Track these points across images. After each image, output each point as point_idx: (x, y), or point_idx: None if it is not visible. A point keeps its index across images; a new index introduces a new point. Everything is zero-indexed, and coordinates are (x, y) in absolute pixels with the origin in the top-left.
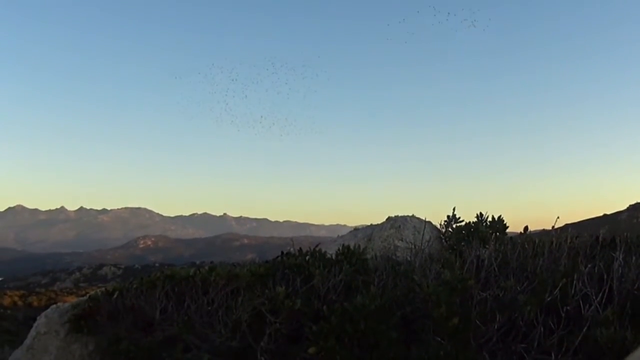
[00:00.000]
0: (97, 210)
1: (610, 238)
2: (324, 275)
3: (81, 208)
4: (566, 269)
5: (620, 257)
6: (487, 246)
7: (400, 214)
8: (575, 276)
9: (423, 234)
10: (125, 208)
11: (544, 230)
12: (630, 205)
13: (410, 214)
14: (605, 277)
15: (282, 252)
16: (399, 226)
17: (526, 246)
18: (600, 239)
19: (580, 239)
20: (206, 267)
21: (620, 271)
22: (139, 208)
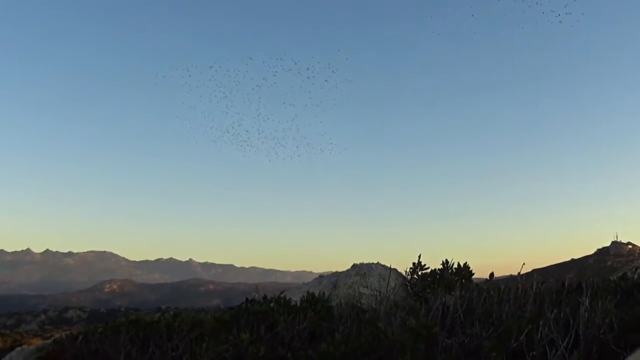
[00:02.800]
0: (63, 253)
1: (577, 283)
2: (288, 322)
3: (47, 250)
4: (532, 314)
5: (587, 302)
6: (452, 293)
7: (365, 261)
8: (542, 322)
9: (388, 281)
10: (91, 252)
11: (510, 276)
12: (597, 250)
13: (376, 261)
14: (571, 322)
15: (247, 299)
16: (364, 273)
17: (492, 292)
18: (567, 284)
19: (547, 284)
20: (171, 313)
21: (586, 316)
22: (104, 252)
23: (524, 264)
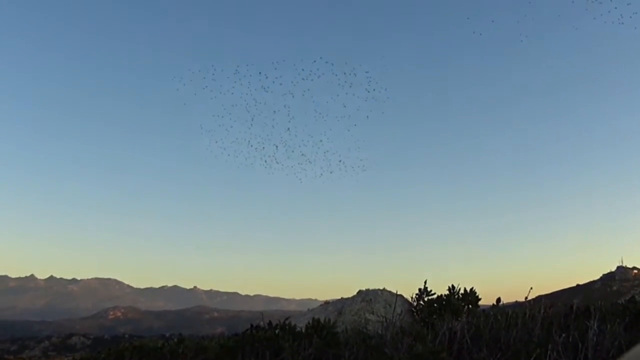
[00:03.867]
0: (67, 280)
1: (585, 307)
2: (294, 349)
3: (51, 277)
4: (540, 339)
5: (595, 325)
6: (459, 319)
7: (371, 288)
8: (550, 346)
9: (394, 307)
10: (95, 278)
11: (516, 302)
12: (603, 275)
13: (382, 288)
14: (580, 345)
15: (252, 325)
16: (370, 299)
17: (499, 317)
18: (575, 308)
19: (554, 308)
20: (175, 339)
21: (595, 339)
22: (108, 279)
23: (531, 288)
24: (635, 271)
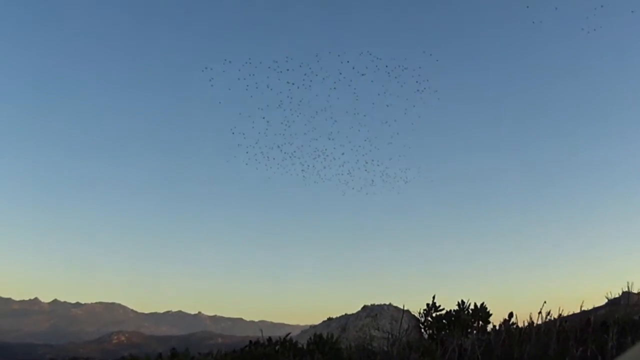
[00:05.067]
0: (71, 304)
1: (602, 321)
2: None
3: (55, 300)
4: (556, 353)
5: (614, 338)
6: (469, 335)
7: (376, 303)
8: (567, 359)
9: (401, 323)
10: (100, 303)
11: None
12: (608, 300)
13: (387, 303)
14: (599, 358)
15: (251, 342)
16: (376, 315)
17: (513, 331)
18: (592, 322)
19: (570, 323)
20: (168, 354)
21: (614, 352)
22: (112, 303)
23: (545, 302)
24: None
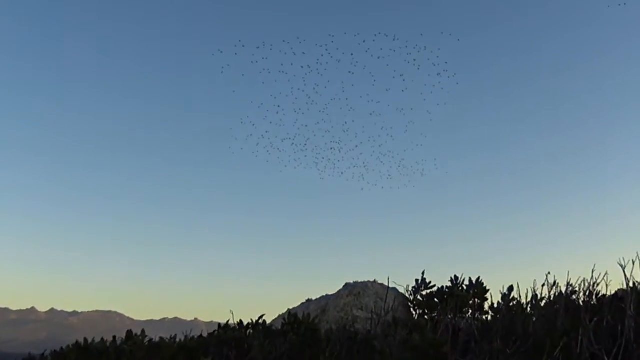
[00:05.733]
0: (67, 312)
1: (616, 291)
2: (264, 348)
3: (52, 309)
4: (566, 326)
5: (632, 307)
6: (464, 314)
7: (359, 280)
8: (580, 331)
9: (386, 300)
10: (96, 311)
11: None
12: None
13: (372, 279)
14: (619, 329)
15: (219, 325)
16: (359, 293)
17: (513, 306)
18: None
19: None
20: (123, 338)
21: (633, 323)
22: (109, 311)
23: (548, 272)
24: None
